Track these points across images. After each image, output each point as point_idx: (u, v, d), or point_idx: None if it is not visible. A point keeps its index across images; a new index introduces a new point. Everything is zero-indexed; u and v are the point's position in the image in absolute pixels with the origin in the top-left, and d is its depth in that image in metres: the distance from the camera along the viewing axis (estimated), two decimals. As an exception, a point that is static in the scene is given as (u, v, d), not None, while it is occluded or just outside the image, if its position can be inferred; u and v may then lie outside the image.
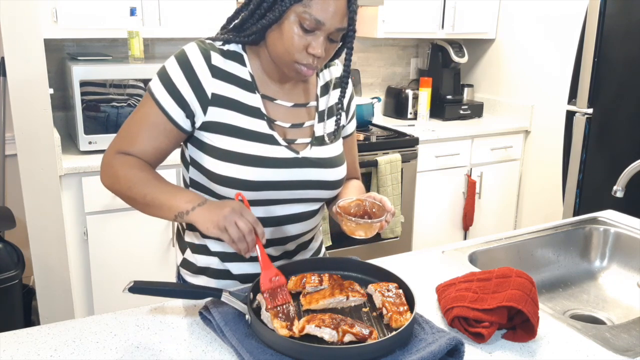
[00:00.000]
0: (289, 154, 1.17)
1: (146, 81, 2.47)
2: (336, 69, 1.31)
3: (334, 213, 1.18)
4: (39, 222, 2.27)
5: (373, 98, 3.37)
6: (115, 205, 2.40)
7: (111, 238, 2.45)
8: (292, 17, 1.05)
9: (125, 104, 2.46)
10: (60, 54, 2.76)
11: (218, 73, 1.14)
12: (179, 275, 1.32)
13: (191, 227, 1.25)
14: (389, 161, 2.91)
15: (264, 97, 1.18)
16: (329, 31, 1.07)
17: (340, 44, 1.15)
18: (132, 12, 2.51)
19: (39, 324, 2.39)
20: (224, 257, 1.23)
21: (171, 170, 2.44)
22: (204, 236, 1.23)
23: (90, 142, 2.44)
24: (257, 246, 1.06)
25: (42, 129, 2.20)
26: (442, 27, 3.41)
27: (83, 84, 2.37)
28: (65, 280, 2.38)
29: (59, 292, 2.38)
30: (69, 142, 2.63)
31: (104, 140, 2.46)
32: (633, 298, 1.51)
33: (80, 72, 2.35)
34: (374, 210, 1.15)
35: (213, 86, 1.13)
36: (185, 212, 1.06)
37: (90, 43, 2.82)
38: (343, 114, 1.29)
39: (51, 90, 2.21)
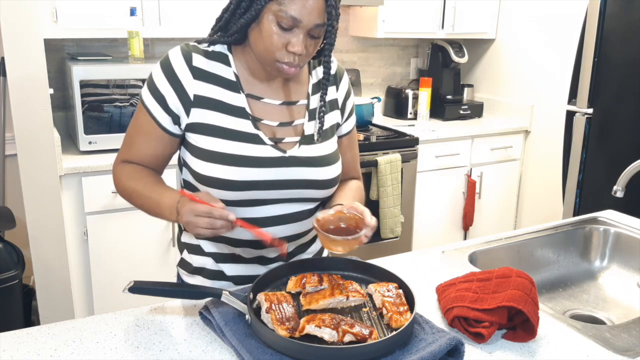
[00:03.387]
0: (275, 153, 1.15)
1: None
2: (331, 66, 1.29)
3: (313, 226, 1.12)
4: (39, 222, 2.27)
5: (373, 98, 3.37)
6: (115, 205, 2.41)
7: (111, 238, 2.45)
8: (269, 16, 1.05)
9: (126, 104, 2.46)
10: (60, 54, 2.76)
11: (199, 74, 1.14)
12: (177, 275, 1.33)
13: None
14: (389, 161, 2.91)
15: (249, 96, 1.17)
16: (308, 28, 1.05)
17: (325, 40, 1.12)
18: (132, 12, 2.51)
19: (39, 324, 2.39)
20: (217, 257, 1.23)
21: (171, 170, 2.44)
22: (198, 237, 1.23)
23: (90, 142, 2.44)
24: (236, 224, 1.07)
25: (42, 129, 2.20)
26: (442, 27, 3.41)
27: (83, 84, 2.37)
28: (65, 280, 2.38)
29: (59, 292, 2.38)
30: (69, 142, 2.63)
31: (104, 141, 2.46)
32: (633, 298, 1.51)
33: (80, 72, 2.36)
34: (353, 222, 1.09)
35: (195, 88, 1.14)
36: (175, 221, 1.12)
37: (90, 43, 2.82)
38: (337, 112, 1.27)
39: (51, 90, 2.21)
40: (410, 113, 3.56)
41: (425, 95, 3.47)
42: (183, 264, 1.29)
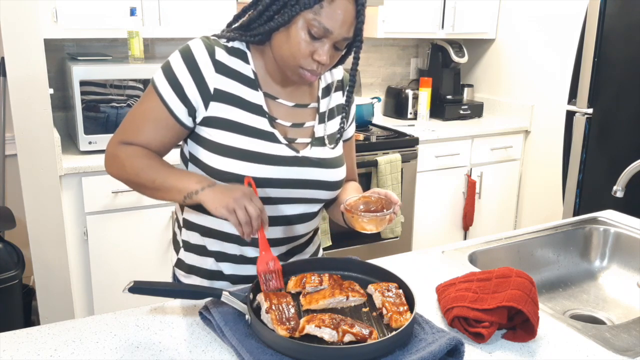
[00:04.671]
0: (289, 152, 1.17)
1: (146, 81, 2.47)
2: (337, 72, 1.32)
3: (343, 211, 1.18)
4: (39, 222, 2.27)
5: (373, 98, 3.37)
6: (115, 205, 2.41)
7: (111, 238, 2.45)
8: (300, 23, 1.06)
9: (125, 104, 2.46)
10: (60, 54, 2.76)
11: (221, 68, 1.14)
12: (174, 275, 1.33)
13: (192, 228, 1.25)
14: (389, 161, 2.91)
15: (266, 95, 1.18)
16: (336, 40, 1.07)
17: (344, 51, 1.16)
18: (132, 12, 2.51)
19: (39, 324, 2.39)
20: (220, 257, 1.23)
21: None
22: (204, 235, 1.23)
23: (90, 142, 2.44)
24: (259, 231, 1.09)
25: (42, 129, 2.20)
26: (442, 27, 3.41)
27: (83, 84, 2.37)
28: (65, 280, 2.38)
29: (59, 292, 2.38)
30: (69, 142, 2.63)
31: (104, 140, 2.45)
32: (633, 298, 1.51)
33: (80, 72, 2.36)
34: (380, 205, 1.16)
35: (216, 81, 1.14)
36: (195, 192, 1.07)
37: (90, 43, 2.82)
38: (346, 120, 1.30)
39: (51, 90, 2.21)
40: (410, 113, 3.56)
41: (425, 95, 3.47)
42: (179, 263, 1.29)
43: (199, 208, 1.20)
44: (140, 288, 1.01)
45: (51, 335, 1.02)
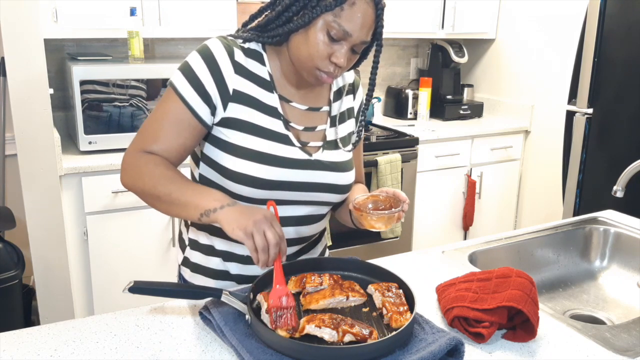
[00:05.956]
0: (302, 156, 1.17)
1: (146, 81, 2.48)
2: (349, 75, 1.32)
3: (351, 210, 1.18)
4: (39, 222, 2.27)
5: (373, 98, 3.37)
6: (115, 205, 2.41)
7: (111, 238, 2.45)
8: (320, 24, 1.06)
9: (125, 104, 2.46)
10: (60, 54, 2.76)
11: (240, 70, 1.14)
12: (179, 274, 1.33)
13: (200, 227, 1.25)
14: (389, 161, 2.91)
15: (280, 97, 1.19)
16: (354, 43, 1.08)
17: (359, 55, 1.16)
18: (132, 12, 2.51)
19: (39, 324, 2.39)
20: (227, 257, 1.23)
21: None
22: (213, 234, 1.23)
23: (90, 142, 2.44)
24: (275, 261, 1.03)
25: (42, 129, 2.20)
26: (442, 27, 3.41)
27: (83, 83, 2.37)
28: (65, 280, 2.38)
29: (59, 292, 2.38)
30: (69, 142, 2.63)
31: (104, 140, 2.46)
32: (633, 298, 1.51)
33: (80, 72, 2.36)
34: (388, 204, 1.17)
35: (235, 82, 1.13)
36: (213, 210, 1.03)
37: (90, 43, 2.82)
38: (353, 120, 1.31)
39: (51, 90, 2.21)
40: (410, 113, 3.56)
41: (425, 95, 3.48)
42: (185, 262, 1.29)
43: None
44: (140, 288, 1.01)
45: (51, 335, 1.02)
